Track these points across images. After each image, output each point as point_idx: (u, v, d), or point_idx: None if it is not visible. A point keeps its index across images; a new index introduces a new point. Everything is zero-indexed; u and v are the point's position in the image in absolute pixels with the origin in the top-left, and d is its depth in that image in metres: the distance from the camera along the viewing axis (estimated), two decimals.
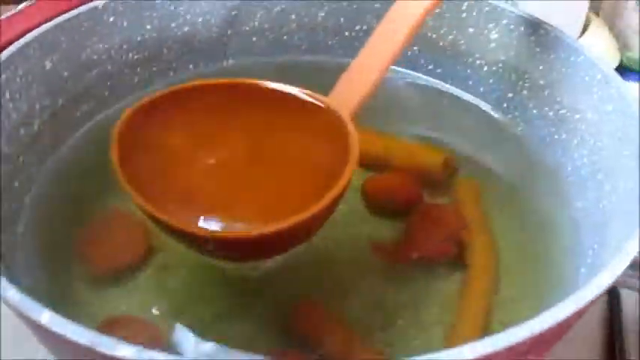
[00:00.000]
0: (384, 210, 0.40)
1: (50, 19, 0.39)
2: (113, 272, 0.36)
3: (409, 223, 0.39)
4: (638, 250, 0.26)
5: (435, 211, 0.39)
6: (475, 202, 0.40)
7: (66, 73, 0.39)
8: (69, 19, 0.39)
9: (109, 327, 0.33)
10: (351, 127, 0.33)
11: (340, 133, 0.33)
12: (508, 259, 0.38)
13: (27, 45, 0.37)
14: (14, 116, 0.36)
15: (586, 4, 0.58)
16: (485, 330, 0.34)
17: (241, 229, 0.34)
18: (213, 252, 0.32)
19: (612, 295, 0.50)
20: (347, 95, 0.34)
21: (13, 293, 0.23)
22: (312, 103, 0.34)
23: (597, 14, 0.66)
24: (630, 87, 0.35)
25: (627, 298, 0.49)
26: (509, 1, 0.55)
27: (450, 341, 0.33)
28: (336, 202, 0.31)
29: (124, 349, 0.21)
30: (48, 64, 0.38)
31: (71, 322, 0.22)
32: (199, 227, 0.33)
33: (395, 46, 0.34)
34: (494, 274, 0.36)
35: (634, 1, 0.63)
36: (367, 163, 0.42)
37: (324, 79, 0.35)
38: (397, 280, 0.37)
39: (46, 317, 0.22)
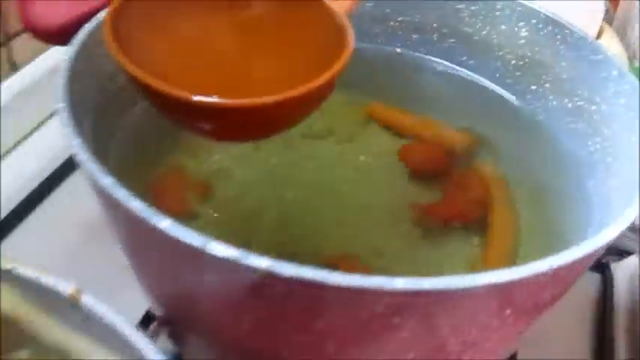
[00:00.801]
0: (418, 173, 0.46)
1: None
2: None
3: (443, 188, 0.44)
4: (637, 215, 0.31)
5: (463, 177, 0.45)
6: (497, 177, 0.46)
7: None
8: None
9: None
10: (346, 20, 0.34)
11: (336, 27, 0.34)
12: (525, 233, 0.43)
13: None
14: (104, 71, 0.41)
15: (601, 15, 0.63)
16: None
17: None
18: (204, 126, 0.33)
19: (605, 276, 0.54)
20: None
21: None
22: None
23: (610, 24, 0.71)
24: None
25: (620, 279, 0.54)
26: None
27: None
28: (330, 84, 0.32)
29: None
30: None
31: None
32: (190, 95, 0.31)
33: None
34: (515, 238, 0.42)
35: None
36: (400, 132, 0.49)
37: (366, 66, 0.39)
38: (428, 241, 0.42)
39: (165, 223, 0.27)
